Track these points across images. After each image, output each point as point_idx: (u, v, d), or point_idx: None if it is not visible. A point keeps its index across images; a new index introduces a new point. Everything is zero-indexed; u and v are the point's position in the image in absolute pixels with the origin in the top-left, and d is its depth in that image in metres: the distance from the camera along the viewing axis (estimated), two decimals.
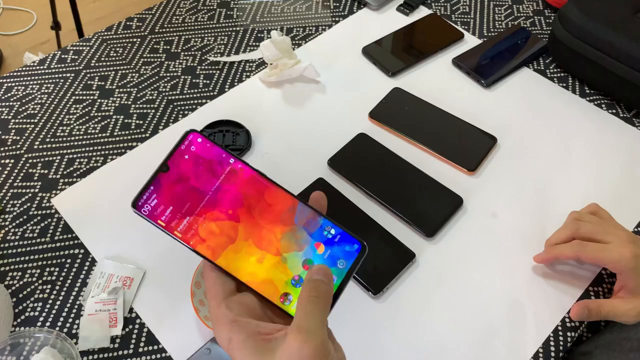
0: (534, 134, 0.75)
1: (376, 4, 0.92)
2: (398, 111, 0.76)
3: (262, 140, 0.74)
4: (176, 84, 0.81)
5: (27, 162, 0.71)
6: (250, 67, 0.84)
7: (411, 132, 0.74)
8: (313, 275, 0.34)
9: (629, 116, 0.77)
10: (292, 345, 0.31)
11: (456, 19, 0.91)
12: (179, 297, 0.59)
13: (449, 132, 0.74)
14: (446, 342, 0.56)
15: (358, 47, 0.85)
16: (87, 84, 0.81)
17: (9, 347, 0.54)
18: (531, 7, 0.94)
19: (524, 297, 0.59)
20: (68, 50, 0.86)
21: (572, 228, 0.59)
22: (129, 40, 0.87)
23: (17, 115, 0.77)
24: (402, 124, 0.74)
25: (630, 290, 0.55)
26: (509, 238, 0.64)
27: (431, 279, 0.61)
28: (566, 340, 0.57)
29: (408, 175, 0.69)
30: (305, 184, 0.68)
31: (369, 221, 0.65)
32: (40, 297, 0.59)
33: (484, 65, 0.82)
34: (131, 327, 0.58)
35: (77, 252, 0.63)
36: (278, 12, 0.93)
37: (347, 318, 0.58)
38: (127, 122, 0.76)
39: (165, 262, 0.62)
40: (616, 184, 0.69)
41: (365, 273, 0.60)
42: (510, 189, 0.69)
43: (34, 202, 0.67)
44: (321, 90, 0.80)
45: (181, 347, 0.56)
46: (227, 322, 0.33)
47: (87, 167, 0.71)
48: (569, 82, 0.82)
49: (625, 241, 0.56)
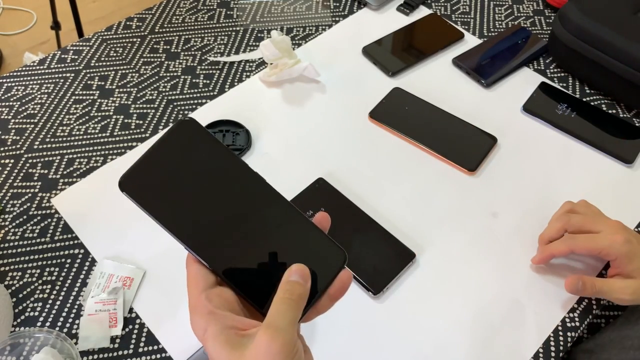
0: (534, 134, 0.75)
1: (376, 4, 0.92)
2: (398, 111, 0.76)
3: (262, 140, 0.74)
4: (176, 84, 0.81)
5: (27, 162, 0.71)
6: (250, 67, 0.84)
7: (411, 132, 0.74)
8: (291, 276, 0.35)
9: (629, 116, 0.77)
10: (261, 340, 0.32)
11: (456, 18, 0.91)
12: (179, 297, 0.59)
13: (449, 132, 0.74)
14: (446, 342, 0.56)
15: (358, 47, 0.85)
16: (87, 84, 0.81)
17: (9, 347, 0.54)
18: (531, 7, 0.94)
19: (524, 297, 0.59)
20: (68, 50, 0.86)
21: (563, 220, 0.60)
22: (129, 40, 0.87)
23: (17, 115, 0.77)
24: (402, 124, 0.74)
25: (625, 275, 0.55)
26: (509, 238, 0.64)
27: (431, 279, 0.61)
28: (566, 340, 0.57)
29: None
30: (305, 184, 0.68)
31: (369, 221, 0.65)
32: (40, 297, 0.59)
33: (484, 65, 0.82)
34: (131, 327, 0.57)
35: (77, 252, 0.63)
36: (278, 12, 0.93)
37: (347, 318, 0.58)
38: (127, 122, 0.76)
39: (165, 262, 0.62)
40: (616, 184, 0.69)
41: (365, 273, 0.60)
42: (510, 189, 0.68)
43: (34, 202, 0.67)
44: (321, 90, 0.80)
45: (181, 347, 0.56)
46: (205, 312, 0.34)
47: (87, 167, 0.71)
48: (569, 82, 0.82)
49: (616, 228, 0.56)
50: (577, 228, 0.58)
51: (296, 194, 0.67)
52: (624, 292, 0.54)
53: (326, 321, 0.57)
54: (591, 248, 0.56)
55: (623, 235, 0.55)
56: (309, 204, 0.66)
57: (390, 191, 0.68)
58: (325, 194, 0.67)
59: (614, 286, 0.55)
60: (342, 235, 0.63)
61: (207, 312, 0.34)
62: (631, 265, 0.55)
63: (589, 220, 0.58)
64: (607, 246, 0.55)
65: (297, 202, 0.66)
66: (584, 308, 0.59)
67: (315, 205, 0.65)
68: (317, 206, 0.65)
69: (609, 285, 0.55)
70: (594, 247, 0.56)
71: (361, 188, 0.68)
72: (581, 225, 0.58)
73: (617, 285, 0.55)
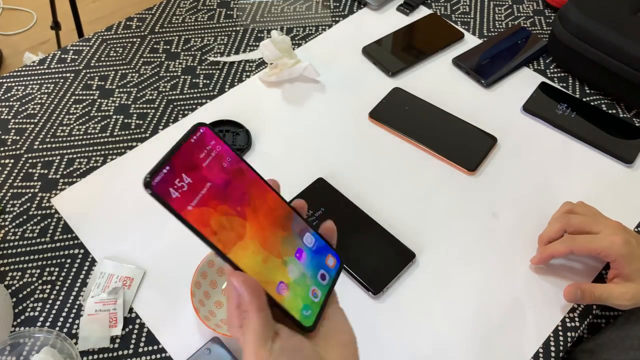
0: (534, 134, 0.75)
1: (376, 4, 0.92)
2: (398, 111, 0.76)
3: (262, 140, 0.74)
4: (176, 83, 0.81)
5: (27, 162, 0.71)
6: (250, 67, 0.84)
7: (411, 132, 0.74)
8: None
9: (629, 116, 0.77)
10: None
11: (456, 18, 0.91)
12: (179, 297, 0.59)
13: (449, 132, 0.74)
14: (446, 342, 0.56)
15: (358, 47, 0.85)
16: (87, 83, 0.81)
17: (9, 347, 0.54)
18: (531, 7, 0.94)
19: (524, 297, 0.59)
20: (68, 50, 0.86)
21: (562, 221, 0.60)
22: (129, 40, 0.87)
23: (17, 115, 0.77)
24: (402, 124, 0.74)
25: (624, 277, 0.55)
26: (509, 238, 0.64)
27: (431, 279, 0.61)
28: (566, 340, 0.57)
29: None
30: (305, 184, 0.68)
31: (369, 221, 0.65)
32: (40, 297, 0.59)
33: (484, 65, 0.82)
34: (131, 327, 0.58)
35: (77, 252, 0.63)
36: (278, 12, 0.93)
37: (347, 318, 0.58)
38: (127, 122, 0.76)
39: (165, 262, 0.62)
40: (616, 184, 0.69)
41: (365, 273, 0.60)
42: (510, 189, 0.68)
43: (34, 202, 0.67)
44: (321, 90, 0.80)
45: (181, 347, 0.56)
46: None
47: (87, 167, 0.71)
48: (569, 82, 0.82)
49: (616, 228, 0.56)
50: (576, 228, 0.59)
51: (296, 194, 0.67)
52: (623, 297, 0.54)
53: None
54: (590, 249, 0.56)
55: (622, 236, 0.55)
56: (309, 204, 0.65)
57: (390, 191, 0.68)
58: (325, 194, 0.67)
59: (613, 292, 0.55)
60: (342, 235, 0.63)
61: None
62: (630, 266, 0.55)
63: (588, 221, 0.58)
64: (607, 247, 0.55)
65: None
66: (584, 308, 0.59)
67: (315, 205, 0.65)
68: (317, 206, 0.65)
69: (608, 292, 0.55)
70: (593, 247, 0.56)
71: (361, 188, 0.68)
72: (581, 226, 0.58)
73: (617, 291, 0.55)
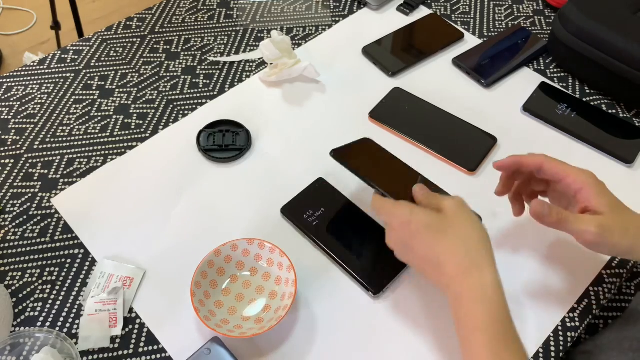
0: (534, 134, 0.75)
1: (376, 4, 0.92)
2: (398, 111, 0.76)
3: (262, 140, 0.74)
4: (176, 84, 0.81)
5: (27, 162, 0.71)
6: (250, 67, 0.84)
7: (411, 132, 0.74)
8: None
9: (629, 116, 0.77)
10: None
11: (456, 18, 0.91)
12: (179, 297, 0.59)
13: (449, 132, 0.74)
14: (446, 343, 0.56)
15: (358, 47, 0.85)
16: (87, 84, 0.81)
17: (9, 347, 0.54)
18: (531, 7, 0.94)
19: (524, 297, 0.59)
20: (68, 50, 0.86)
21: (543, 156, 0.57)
22: (129, 40, 0.87)
23: (17, 115, 0.77)
24: (402, 124, 0.74)
25: (593, 210, 0.52)
26: (509, 238, 0.64)
27: None
28: (566, 340, 0.57)
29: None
30: (305, 184, 0.68)
31: (369, 221, 0.65)
32: (40, 297, 0.59)
33: (484, 65, 0.82)
34: (131, 327, 0.58)
35: (77, 252, 0.63)
36: (278, 12, 0.93)
37: (347, 318, 0.58)
38: (127, 122, 0.76)
39: (165, 262, 0.62)
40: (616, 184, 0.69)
41: (365, 273, 0.60)
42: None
43: (34, 202, 0.67)
44: (321, 90, 0.80)
45: (181, 347, 0.56)
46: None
47: (87, 167, 0.71)
48: (569, 82, 0.82)
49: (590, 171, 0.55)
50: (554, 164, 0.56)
51: (296, 194, 0.67)
52: (590, 223, 0.51)
53: (326, 321, 0.58)
54: (562, 169, 0.54)
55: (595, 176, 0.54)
56: (309, 204, 0.66)
57: None
58: (325, 194, 0.67)
59: (580, 217, 0.52)
60: (342, 235, 0.63)
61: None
62: (599, 199, 0.52)
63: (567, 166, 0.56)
64: (578, 173, 0.53)
65: (297, 202, 0.66)
66: (583, 308, 0.59)
67: (315, 205, 0.65)
68: (317, 206, 0.65)
69: (575, 216, 0.52)
70: (564, 169, 0.54)
71: (361, 188, 0.68)
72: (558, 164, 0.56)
73: (584, 217, 0.52)
